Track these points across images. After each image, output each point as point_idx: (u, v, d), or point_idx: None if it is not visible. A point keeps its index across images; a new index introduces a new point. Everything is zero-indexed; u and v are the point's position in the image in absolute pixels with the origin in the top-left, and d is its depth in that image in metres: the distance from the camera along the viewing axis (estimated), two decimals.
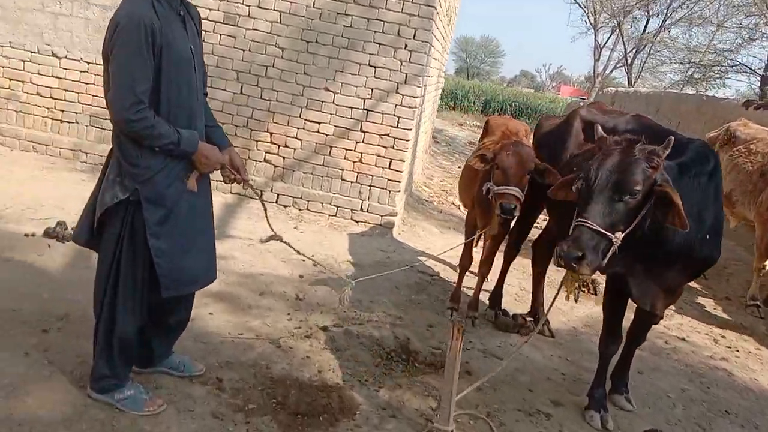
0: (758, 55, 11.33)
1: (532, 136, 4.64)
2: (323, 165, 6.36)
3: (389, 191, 6.33)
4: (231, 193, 6.31)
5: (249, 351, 3.49)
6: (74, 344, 3.12)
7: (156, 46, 2.36)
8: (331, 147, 6.32)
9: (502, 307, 4.71)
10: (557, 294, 3.14)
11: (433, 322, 4.41)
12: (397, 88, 6.14)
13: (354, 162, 6.31)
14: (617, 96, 18.56)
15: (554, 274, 5.02)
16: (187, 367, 3.03)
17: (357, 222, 6.35)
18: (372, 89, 6.17)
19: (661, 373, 4.26)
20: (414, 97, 6.16)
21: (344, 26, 6.05)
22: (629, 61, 24.24)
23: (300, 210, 6.38)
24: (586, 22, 28.82)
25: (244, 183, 2.75)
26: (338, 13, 6.04)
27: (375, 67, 6.12)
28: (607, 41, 28.01)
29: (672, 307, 5.04)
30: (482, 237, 5.62)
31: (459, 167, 12.22)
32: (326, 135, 6.30)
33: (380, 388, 3.37)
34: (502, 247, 4.79)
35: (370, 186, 6.34)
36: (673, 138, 2.76)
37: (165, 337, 2.89)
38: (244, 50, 6.20)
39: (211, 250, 2.76)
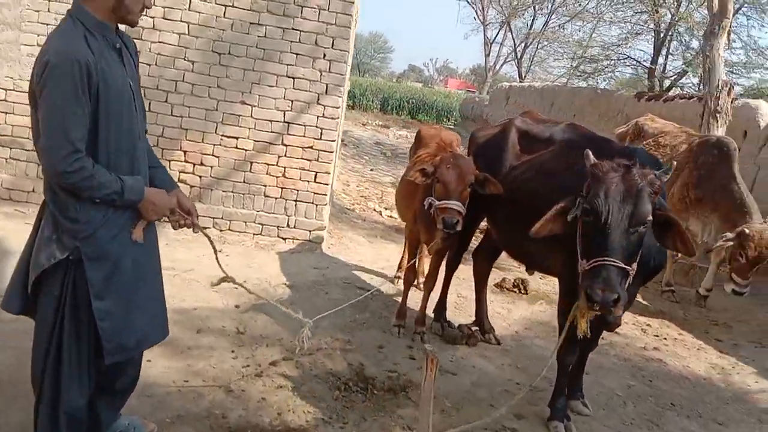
0: (645, 49, 12.10)
1: (467, 147, 4.62)
2: (244, 182, 6.07)
3: (316, 205, 6.14)
4: None
5: (199, 400, 3.23)
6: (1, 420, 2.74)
7: (92, 85, 2.08)
8: (251, 163, 6.04)
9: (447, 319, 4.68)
10: (567, 327, 3.05)
11: (382, 342, 4.30)
12: (318, 99, 5.96)
13: (277, 177, 6.07)
14: (512, 91, 19.27)
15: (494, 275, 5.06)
16: (138, 430, 2.74)
17: (284, 239, 6.12)
18: (292, 101, 5.95)
19: (605, 371, 4.38)
20: (336, 108, 6.01)
21: (258, 37, 5.79)
22: (519, 56, 25.22)
23: (222, 231, 6.05)
24: (475, 19, 29.86)
25: (194, 227, 2.50)
26: (251, 23, 5.77)
27: (294, 78, 5.91)
28: (496, 36, 29.10)
29: None
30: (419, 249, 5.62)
31: (371, 170, 12.20)
32: (245, 150, 6.01)
33: (345, 425, 3.22)
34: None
35: (295, 201, 6.12)
36: (675, 162, 2.77)
37: (112, 401, 2.59)
38: (150, 65, 5.78)
39: (161, 303, 2.50)
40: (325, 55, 5.89)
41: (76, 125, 2.07)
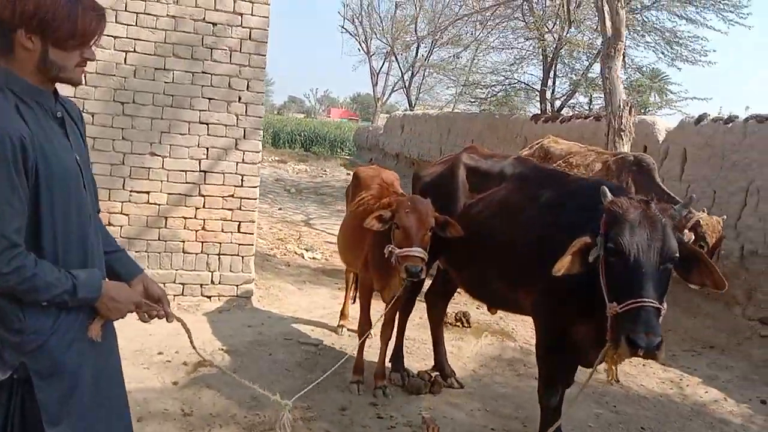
0: (534, 74, 12.67)
1: (411, 187, 4.45)
2: (159, 239, 5.55)
3: (242, 257, 5.73)
4: None
5: None
6: None
7: (29, 165, 1.68)
8: (166, 218, 5.54)
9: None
10: (592, 372, 2.88)
11: (344, 403, 3.99)
12: (237, 144, 5.60)
13: (196, 231, 5.60)
14: (406, 119, 19.55)
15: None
16: None
17: (209, 298, 5.64)
18: (207, 148, 5.54)
19: (569, 402, 4.31)
20: (256, 152, 5.67)
21: (166, 83, 5.35)
22: (407, 84, 25.76)
23: None
24: (359, 50, 30.23)
25: (167, 316, 2.12)
26: (156, 69, 5.33)
27: (208, 124, 5.51)
28: (381, 66, 29.58)
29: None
30: (357, 293, 5.36)
31: (279, 209, 11.80)
32: (159, 205, 5.51)
33: None
34: None
35: (219, 255, 5.67)
36: (693, 196, 2.69)
37: None
38: None
39: (127, 422, 2.08)
40: (240, 98, 5.56)
41: (11, 216, 1.66)
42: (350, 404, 3.98)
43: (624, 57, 7.70)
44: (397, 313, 4.35)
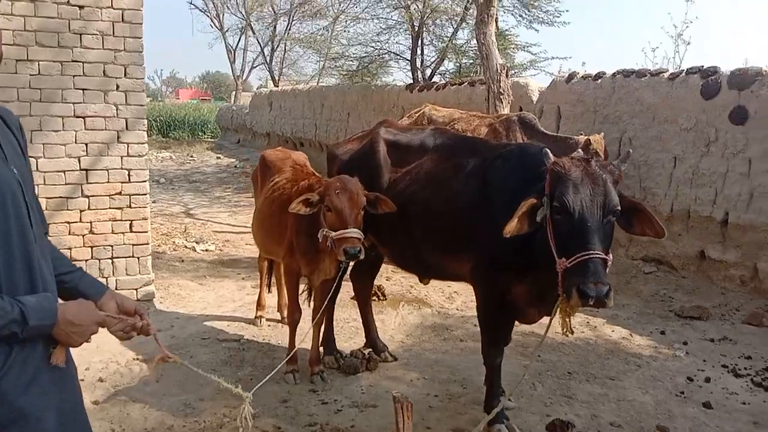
0: (403, 43, 12.77)
1: (327, 165, 4.32)
2: None
3: (138, 258, 5.32)
4: None
5: None
6: None
7: None
8: (48, 223, 4.97)
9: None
10: (549, 325, 2.98)
11: (283, 395, 3.87)
12: (119, 137, 5.13)
13: (84, 235, 5.11)
14: (274, 96, 19.08)
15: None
16: None
17: None
18: (86, 144, 5.03)
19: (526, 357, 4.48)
20: (142, 143, 5.24)
21: (31, 75, 4.76)
22: (269, 60, 25.06)
23: None
24: (211, 26, 28.90)
25: (148, 328, 1.86)
26: (18, 60, 4.71)
27: (84, 117, 4.99)
28: (238, 43, 28.54)
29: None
30: (273, 280, 5.20)
31: (154, 202, 11.07)
32: None
33: None
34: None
35: (111, 259, 5.22)
36: (630, 151, 2.78)
37: None
38: None
39: None
40: (118, 87, 5.08)
41: None
42: (290, 395, 3.87)
43: (497, 22, 7.96)
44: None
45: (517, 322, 3.52)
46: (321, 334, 4.22)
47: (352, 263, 3.85)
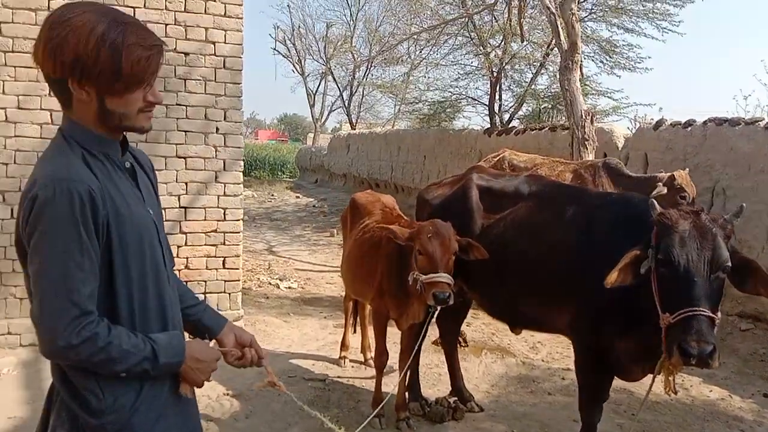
0: (481, 88, 12.87)
1: (416, 209, 4.36)
2: None
3: (229, 294, 5.50)
4: None
5: None
6: None
7: (100, 221, 1.50)
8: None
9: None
10: (651, 384, 2.90)
11: None
12: (217, 177, 5.39)
13: (180, 270, 5.32)
14: (351, 138, 19.52)
15: None
16: None
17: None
18: (187, 183, 5.31)
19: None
20: (238, 184, 5.48)
21: None
22: (347, 104, 25.77)
23: None
24: (293, 71, 30.08)
25: (261, 359, 1.92)
26: None
27: (185, 157, 5.28)
28: (318, 87, 29.52)
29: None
30: (357, 321, 5.23)
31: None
32: None
33: None
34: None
35: (204, 293, 5.42)
36: (744, 205, 2.72)
37: None
38: (7, 164, 4.84)
39: None
40: (218, 129, 5.36)
41: (81, 281, 1.47)
42: None
43: (581, 68, 7.92)
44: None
45: None
46: (407, 380, 4.19)
47: (439, 308, 3.84)
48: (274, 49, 29.41)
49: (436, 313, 4.20)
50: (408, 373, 4.16)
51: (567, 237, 3.26)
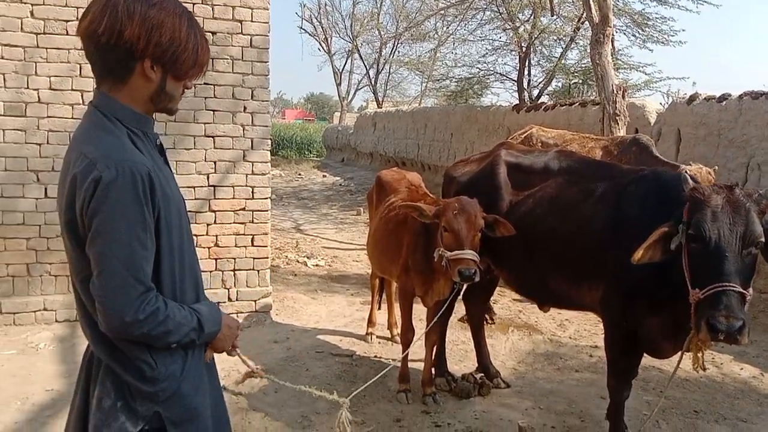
0: (510, 64, 12.70)
1: (443, 186, 4.36)
2: None
3: (258, 271, 5.57)
4: None
5: None
6: None
7: (156, 203, 1.56)
8: None
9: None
10: (679, 360, 2.90)
11: (396, 414, 3.90)
12: (245, 156, 5.43)
13: (209, 247, 5.42)
14: (377, 116, 19.46)
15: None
16: None
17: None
18: (215, 162, 5.36)
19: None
20: (265, 163, 5.51)
21: None
22: (374, 82, 25.65)
23: None
24: (319, 50, 29.99)
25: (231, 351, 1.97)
26: None
27: (214, 137, 5.33)
28: (344, 65, 29.42)
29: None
30: (384, 298, 5.26)
31: None
32: None
33: None
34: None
35: (234, 271, 5.50)
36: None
37: None
38: (41, 144, 4.94)
39: None
40: (245, 108, 5.39)
41: (146, 259, 1.54)
42: (403, 415, 3.89)
43: (613, 42, 7.74)
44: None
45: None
46: (433, 355, 4.22)
47: (465, 285, 3.85)
48: (301, 27, 29.39)
49: (462, 290, 4.24)
50: (434, 349, 4.19)
51: (597, 213, 3.23)
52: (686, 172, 5.40)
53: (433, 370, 4.29)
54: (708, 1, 11.14)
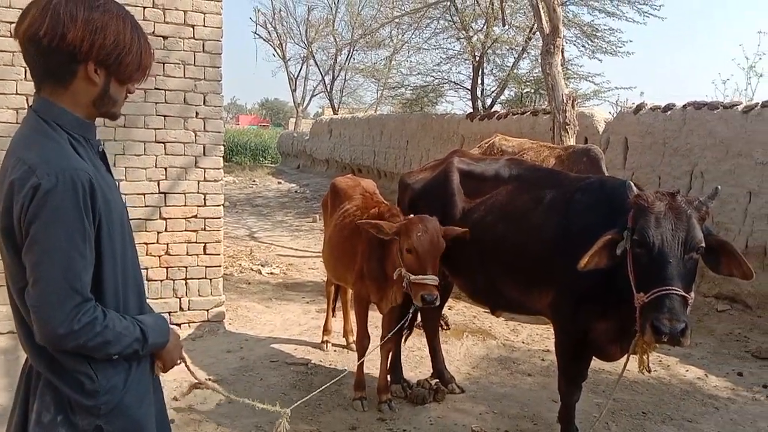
0: (463, 72, 12.87)
1: (398, 193, 4.37)
2: None
3: (210, 279, 5.47)
4: None
5: None
6: None
7: (97, 209, 1.51)
8: None
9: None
10: (626, 363, 2.98)
11: (351, 422, 3.88)
12: (197, 162, 5.33)
13: (160, 256, 5.30)
14: (333, 123, 19.42)
15: None
16: None
17: (179, 325, 5.33)
18: (166, 168, 5.24)
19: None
20: (218, 169, 5.43)
21: None
22: (329, 88, 25.61)
23: None
24: (274, 55, 29.80)
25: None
26: None
27: (164, 142, 5.21)
28: (299, 71, 29.29)
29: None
30: (339, 306, 5.24)
31: None
32: None
33: None
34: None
35: (185, 279, 5.38)
36: (719, 187, 2.74)
37: None
38: None
39: None
40: (197, 114, 5.30)
41: (84, 268, 1.49)
42: (359, 422, 3.87)
43: (563, 52, 7.93)
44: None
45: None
46: (389, 362, 4.22)
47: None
48: (255, 32, 29.15)
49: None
50: (390, 356, 4.19)
51: (546, 221, 3.29)
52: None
53: (388, 377, 4.30)
54: (653, 14, 11.53)
